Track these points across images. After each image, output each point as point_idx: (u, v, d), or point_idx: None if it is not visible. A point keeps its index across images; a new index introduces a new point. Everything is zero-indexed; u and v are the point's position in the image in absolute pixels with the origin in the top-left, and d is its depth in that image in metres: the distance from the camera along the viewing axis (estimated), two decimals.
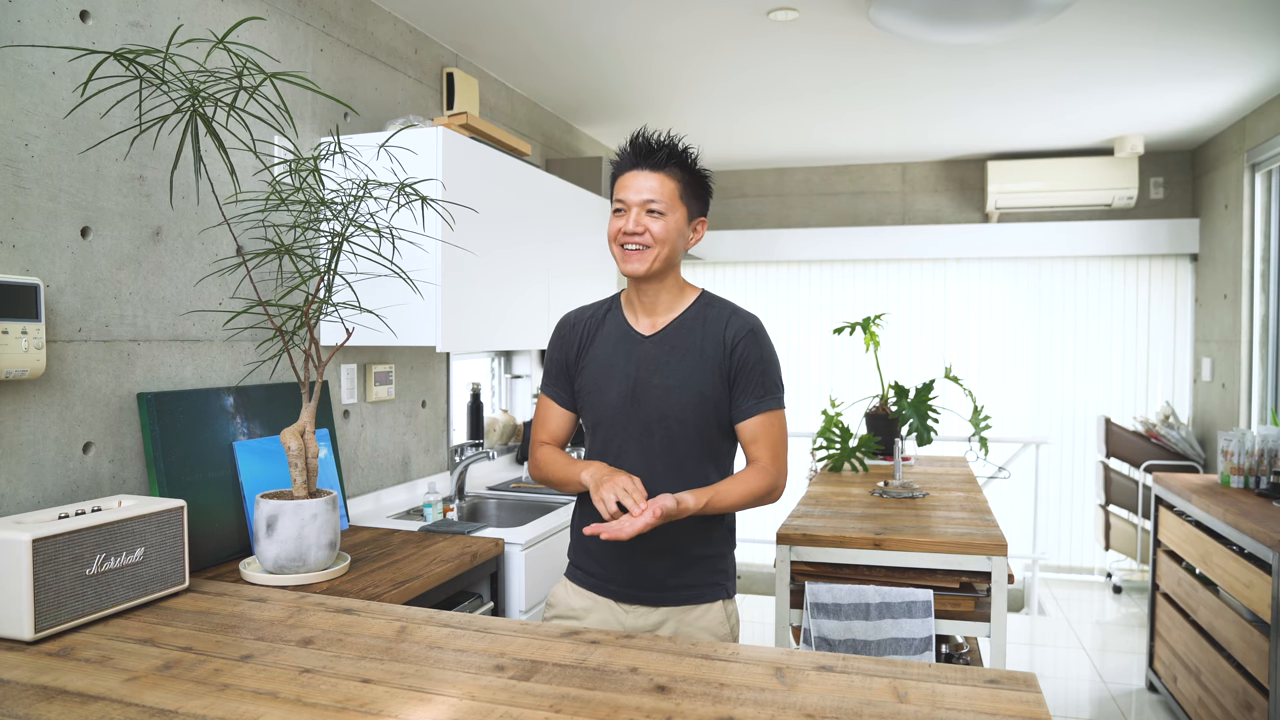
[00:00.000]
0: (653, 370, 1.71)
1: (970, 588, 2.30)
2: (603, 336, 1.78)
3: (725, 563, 1.78)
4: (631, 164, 1.69)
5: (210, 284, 2.11)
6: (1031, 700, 1.16)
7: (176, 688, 1.21)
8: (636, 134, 1.70)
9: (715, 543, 1.75)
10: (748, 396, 1.70)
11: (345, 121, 2.60)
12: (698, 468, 1.70)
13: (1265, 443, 3.00)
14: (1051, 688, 3.54)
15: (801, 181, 5.61)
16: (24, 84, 1.66)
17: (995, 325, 5.29)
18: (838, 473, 3.39)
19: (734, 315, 1.74)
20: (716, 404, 1.70)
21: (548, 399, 1.85)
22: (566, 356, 1.82)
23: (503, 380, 3.91)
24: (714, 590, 1.74)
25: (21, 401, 1.66)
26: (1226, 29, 3.02)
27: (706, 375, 1.69)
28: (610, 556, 1.73)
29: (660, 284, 1.72)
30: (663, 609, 1.71)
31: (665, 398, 1.69)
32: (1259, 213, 4.14)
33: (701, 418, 1.69)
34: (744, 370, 1.69)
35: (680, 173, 1.69)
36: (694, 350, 1.70)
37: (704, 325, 1.72)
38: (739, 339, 1.70)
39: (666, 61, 3.41)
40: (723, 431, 1.73)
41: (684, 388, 1.69)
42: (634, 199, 1.67)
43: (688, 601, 1.72)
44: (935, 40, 2.97)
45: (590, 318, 1.83)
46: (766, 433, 1.70)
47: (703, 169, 1.74)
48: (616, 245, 1.70)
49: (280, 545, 1.78)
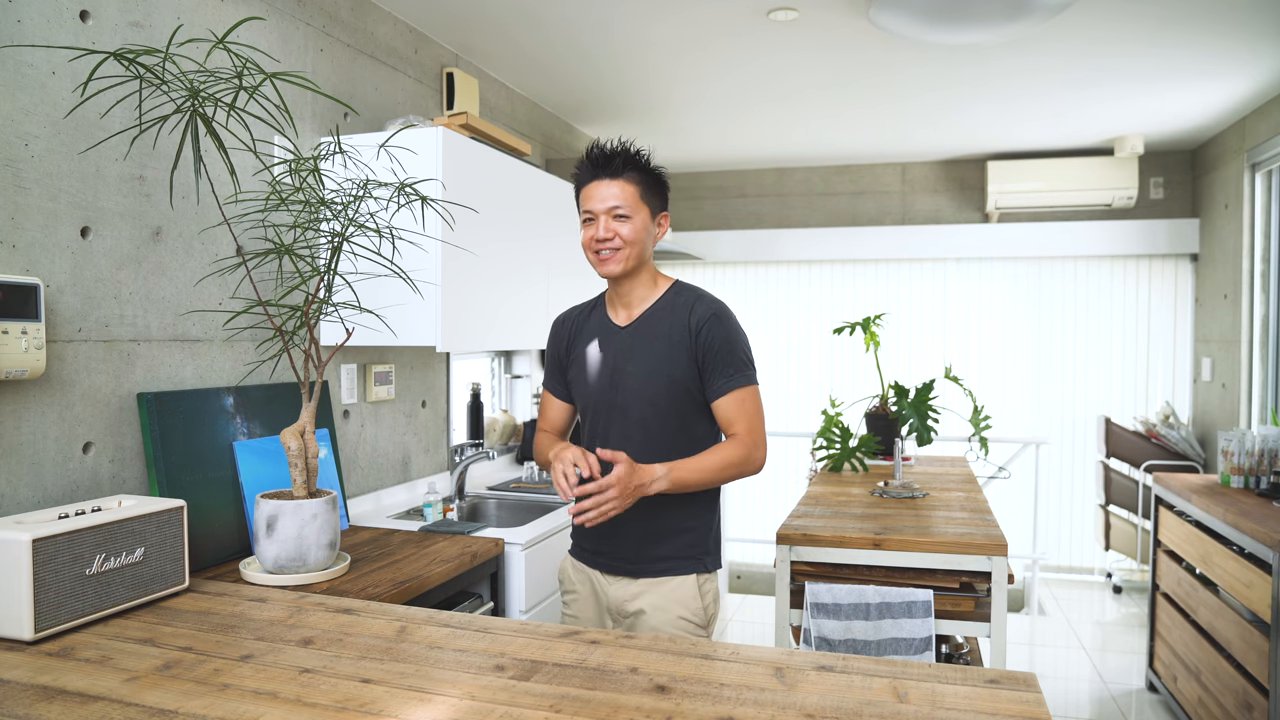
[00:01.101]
0: (627, 358, 1.84)
1: (970, 588, 2.30)
2: (588, 331, 1.93)
3: (701, 537, 1.86)
4: (591, 175, 1.82)
5: (210, 284, 2.11)
6: (1031, 700, 1.16)
7: (176, 688, 1.21)
8: (591, 146, 1.82)
9: (689, 516, 1.84)
10: (718, 376, 1.79)
11: (345, 121, 2.60)
12: (675, 448, 1.80)
13: (1265, 443, 3.00)
14: (1051, 688, 3.54)
15: (801, 181, 5.61)
16: (24, 84, 1.66)
17: (995, 325, 5.29)
18: (838, 473, 3.39)
19: (698, 301, 1.84)
20: (687, 386, 1.80)
21: (547, 392, 2.03)
22: (559, 351, 1.99)
23: (503, 380, 3.91)
24: (688, 564, 1.83)
25: (21, 401, 1.66)
26: (1226, 28, 3.02)
27: (676, 359, 1.79)
28: (594, 530, 1.86)
29: (634, 280, 1.85)
30: (641, 580, 1.83)
31: (639, 382, 1.81)
32: (1259, 213, 4.14)
33: (673, 399, 1.80)
34: (710, 352, 1.79)
35: (637, 175, 1.81)
36: (663, 336, 1.82)
37: (672, 313, 1.83)
38: (703, 323, 1.79)
39: (667, 61, 3.41)
40: (698, 412, 1.83)
41: (655, 372, 1.80)
42: (600, 207, 1.80)
43: (662, 574, 1.82)
44: (935, 40, 2.97)
45: (578, 315, 1.99)
46: (740, 407, 1.79)
47: (657, 167, 1.85)
48: (591, 252, 1.83)
49: (280, 545, 1.78)
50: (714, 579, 1.88)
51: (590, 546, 1.91)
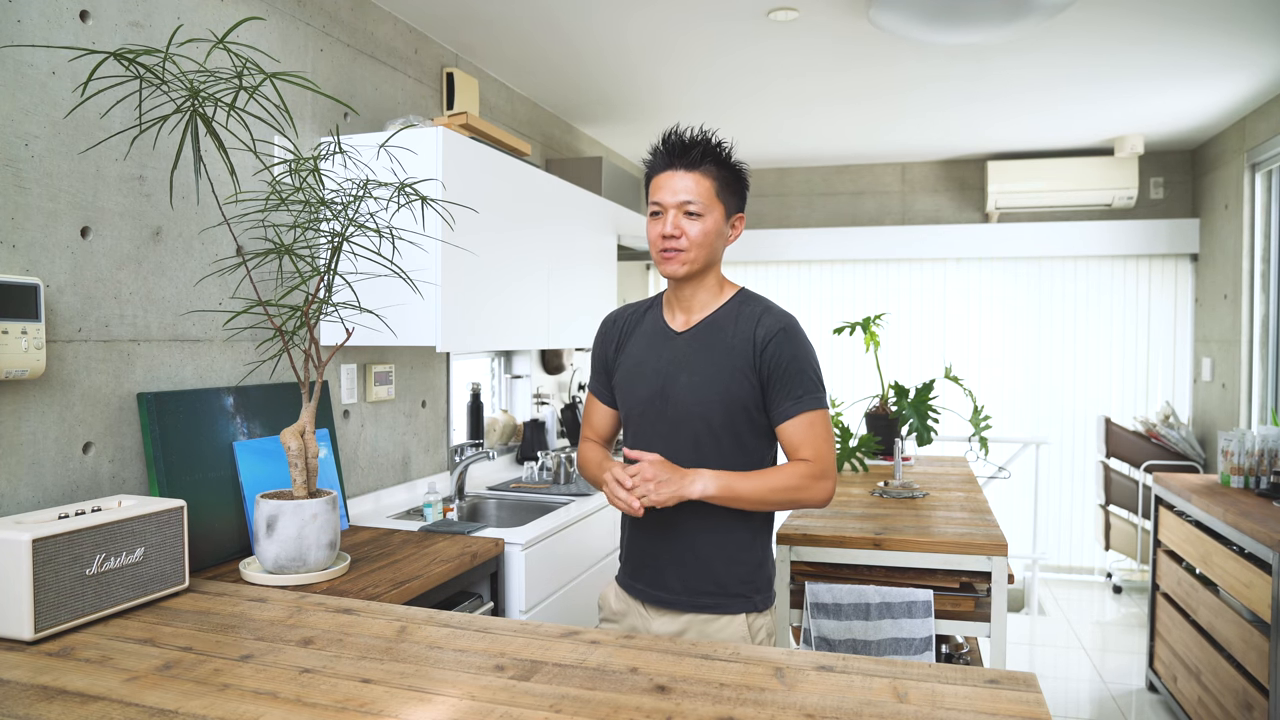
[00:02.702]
0: (681, 367, 1.67)
1: (970, 588, 2.30)
2: (640, 333, 1.77)
3: (752, 572, 1.69)
4: (665, 164, 1.65)
5: (210, 284, 2.10)
6: (1031, 700, 1.16)
7: (176, 688, 1.21)
8: (669, 132, 1.65)
9: (740, 548, 1.67)
10: (784, 398, 1.62)
11: (345, 121, 2.60)
12: (727, 468, 1.63)
13: (1265, 443, 3.00)
14: (1051, 688, 3.54)
15: (801, 181, 5.61)
16: (24, 84, 1.66)
17: (995, 325, 5.29)
18: (838, 473, 3.39)
19: (766, 313, 1.66)
20: (746, 404, 1.63)
21: (592, 395, 1.87)
22: (606, 353, 1.82)
23: (503, 380, 3.91)
24: (737, 602, 1.67)
25: (21, 401, 1.66)
26: (1227, 28, 3.02)
27: (734, 373, 1.63)
28: (639, 560, 1.73)
29: (698, 283, 1.70)
30: (685, 616, 1.68)
31: (691, 395, 1.64)
32: (1259, 213, 4.14)
33: (729, 416, 1.63)
34: (777, 370, 1.62)
35: (716, 169, 1.64)
36: (723, 347, 1.65)
37: (736, 323, 1.66)
38: (770, 338, 1.62)
39: (666, 61, 3.41)
40: (756, 433, 1.66)
41: (710, 385, 1.63)
42: (670, 200, 1.63)
43: (708, 610, 1.66)
44: (935, 40, 2.97)
45: (631, 315, 1.82)
46: (808, 431, 1.61)
47: (738, 163, 1.68)
48: (656, 249, 1.67)
49: (280, 545, 1.78)
50: (767, 617, 1.70)
51: (634, 574, 1.75)
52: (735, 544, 1.67)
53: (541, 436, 3.69)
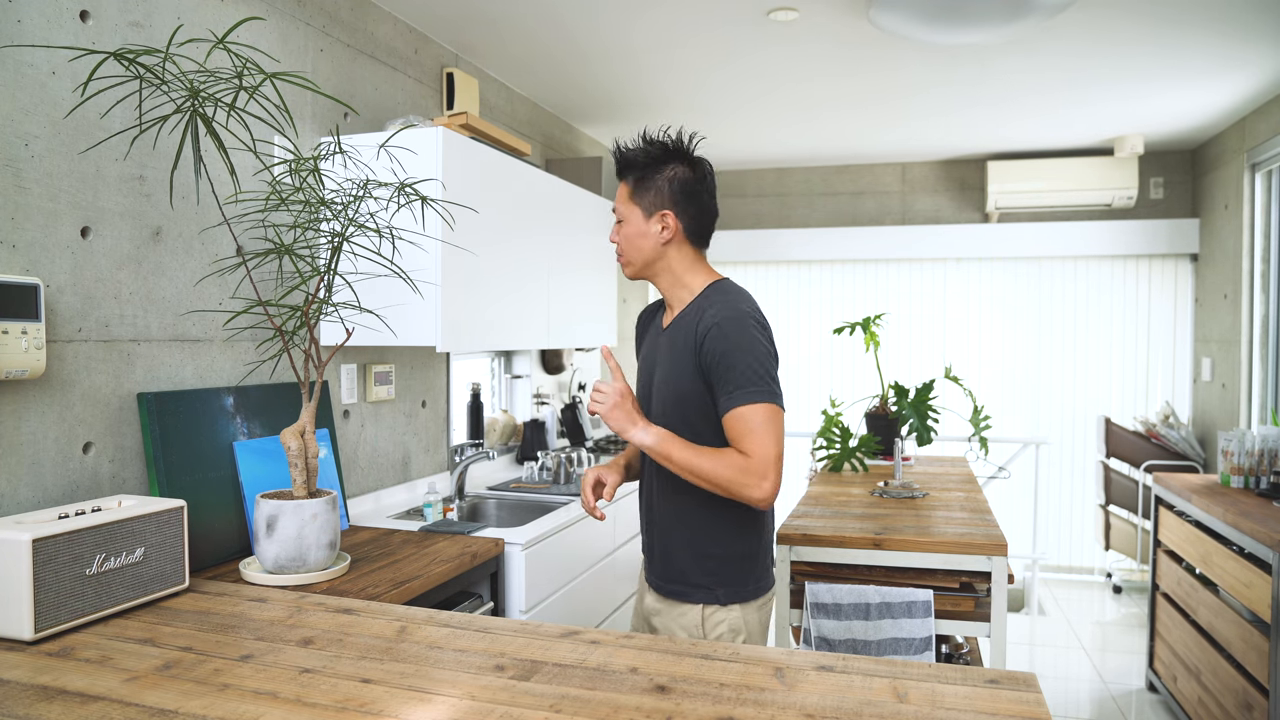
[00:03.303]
0: (657, 364, 1.76)
1: (970, 588, 2.30)
2: (650, 330, 1.89)
3: (721, 565, 1.69)
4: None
5: (210, 284, 2.11)
6: (1031, 700, 1.16)
7: (176, 688, 1.21)
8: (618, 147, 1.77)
9: (713, 542, 1.69)
10: (720, 392, 1.61)
11: (345, 121, 2.60)
12: None
13: (1265, 443, 3.00)
14: (1051, 688, 3.54)
15: (801, 181, 5.61)
16: (24, 84, 1.66)
17: (995, 325, 5.29)
18: (838, 473, 3.39)
19: (711, 307, 1.65)
20: (696, 400, 1.65)
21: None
22: (637, 349, 1.96)
23: (503, 380, 3.91)
24: (699, 592, 1.70)
25: (21, 401, 1.66)
26: (1226, 29, 3.02)
27: (683, 370, 1.66)
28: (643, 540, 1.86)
29: (660, 282, 1.78)
30: (659, 598, 1.78)
31: (659, 391, 1.74)
32: (1259, 213, 4.14)
33: (682, 412, 1.67)
34: (713, 364, 1.61)
35: (628, 174, 1.74)
36: (681, 344, 1.68)
37: (693, 318, 1.68)
38: (707, 331, 1.62)
39: (666, 61, 3.41)
40: (712, 430, 1.66)
41: (668, 382, 1.71)
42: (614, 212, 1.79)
43: (673, 596, 1.74)
44: (935, 40, 2.97)
45: (650, 311, 1.94)
46: (743, 428, 1.57)
47: (660, 158, 1.70)
48: None
49: (280, 545, 1.78)
50: (732, 611, 1.69)
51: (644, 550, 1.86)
52: (706, 538, 1.70)
53: (541, 436, 3.70)
